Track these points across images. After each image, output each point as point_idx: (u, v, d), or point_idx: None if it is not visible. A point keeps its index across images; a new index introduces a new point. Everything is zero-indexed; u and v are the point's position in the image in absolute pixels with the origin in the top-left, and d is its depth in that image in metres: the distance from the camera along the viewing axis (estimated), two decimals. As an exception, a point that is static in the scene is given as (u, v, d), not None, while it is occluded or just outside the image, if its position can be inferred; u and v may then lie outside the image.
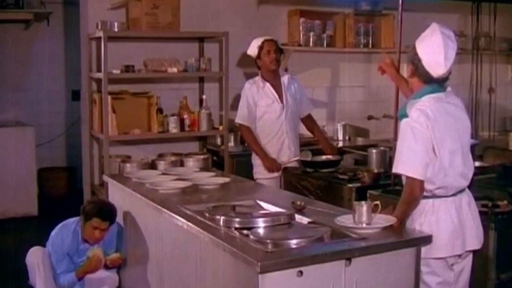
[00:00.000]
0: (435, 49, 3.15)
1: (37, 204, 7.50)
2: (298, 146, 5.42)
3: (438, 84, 3.25)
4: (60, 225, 4.37)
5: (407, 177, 3.16)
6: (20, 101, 8.32)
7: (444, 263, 3.23)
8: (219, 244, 2.98)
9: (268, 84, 5.29)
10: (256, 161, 5.31)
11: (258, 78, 5.35)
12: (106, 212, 4.20)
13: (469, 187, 3.34)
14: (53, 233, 4.33)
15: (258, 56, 5.31)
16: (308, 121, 5.60)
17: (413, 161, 3.12)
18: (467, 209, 3.27)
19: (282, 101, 5.28)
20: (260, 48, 5.29)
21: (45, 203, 7.65)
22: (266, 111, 5.27)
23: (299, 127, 5.58)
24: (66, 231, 4.30)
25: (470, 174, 3.27)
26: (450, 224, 3.19)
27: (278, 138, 5.28)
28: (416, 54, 3.22)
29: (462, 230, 3.21)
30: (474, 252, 3.36)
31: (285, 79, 5.38)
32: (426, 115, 3.13)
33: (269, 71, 5.30)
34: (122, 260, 4.34)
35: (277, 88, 5.32)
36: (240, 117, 5.30)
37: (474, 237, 3.27)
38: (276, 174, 5.19)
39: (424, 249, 3.12)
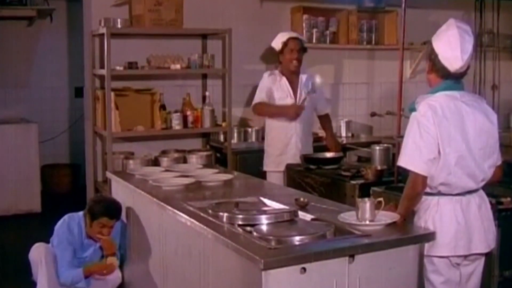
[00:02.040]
0: (451, 43, 3.14)
1: (40, 201, 7.51)
2: (308, 145, 5.43)
3: (455, 80, 3.23)
4: (65, 217, 4.36)
5: (410, 172, 3.15)
6: (24, 98, 8.34)
7: (448, 262, 3.21)
8: (222, 240, 2.97)
9: (284, 78, 5.34)
10: (267, 153, 5.38)
11: (276, 72, 5.40)
12: (114, 210, 4.20)
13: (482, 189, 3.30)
14: (58, 225, 4.33)
15: (281, 51, 5.34)
16: (324, 119, 5.65)
17: (417, 156, 3.11)
18: (476, 211, 3.22)
19: (295, 98, 5.30)
20: (285, 44, 5.31)
21: (49, 200, 7.66)
22: (277, 103, 5.30)
23: (312, 127, 5.57)
24: (72, 222, 4.30)
25: (481, 177, 3.22)
26: (454, 224, 3.16)
27: (286, 133, 5.30)
28: (432, 49, 3.21)
29: (468, 231, 3.18)
30: (486, 256, 3.33)
31: (303, 77, 5.40)
32: (434, 110, 3.10)
33: (288, 69, 5.32)
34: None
35: (294, 84, 5.36)
36: (259, 98, 5.34)
37: (482, 241, 3.22)
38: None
39: (427, 246, 3.12)
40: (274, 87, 5.32)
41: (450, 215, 3.17)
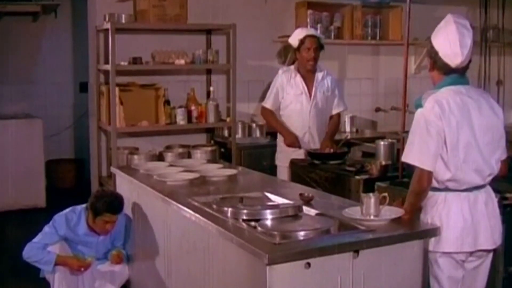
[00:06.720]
0: (450, 39, 3.13)
1: (45, 196, 7.52)
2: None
3: (459, 74, 3.21)
4: (67, 209, 4.38)
5: (416, 167, 3.13)
6: (28, 94, 8.34)
7: (451, 260, 3.18)
8: (227, 235, 2.98)
9: (299, 76, 5.30)
10: (281, 148, 5.36)
11: (292, 68, 5.38)
12: (116, 205, 4.19)
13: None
14: (58, 214, 4.35)
15: (298, 48, 5.28)
16: (334, 118, 5.48)
17: (424, 152, 3.09)
18: (483, 207, 3.20)
19: (310, 95, 5.29)
20: (302, 41, 5.24)
21: (53, 195, 7.66)
22: (292, 100, 5.30)
23: (326, 125, 5.53)
24: (72, 213, 4.32)
25: (488, 172, 3.20)
26: (461, 220, 3.14)
27: (300, 130, 5.29)
28: (432, 47, 3.20)
29: (474, 228, 3.16)
30: (494, 252, 3.32)
31: (320, 74, 5.36)
32: (440, 105, 3.09)
33: (304, 68, 5.30)
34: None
35: (309, 81, 5.32)
36: (266, 102, 5.40)
37: (488, 237, 3.20)
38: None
39: (433, 243, 3.12)
40: (289, 85, 5.30)
41: (457, 212, 3.15)
